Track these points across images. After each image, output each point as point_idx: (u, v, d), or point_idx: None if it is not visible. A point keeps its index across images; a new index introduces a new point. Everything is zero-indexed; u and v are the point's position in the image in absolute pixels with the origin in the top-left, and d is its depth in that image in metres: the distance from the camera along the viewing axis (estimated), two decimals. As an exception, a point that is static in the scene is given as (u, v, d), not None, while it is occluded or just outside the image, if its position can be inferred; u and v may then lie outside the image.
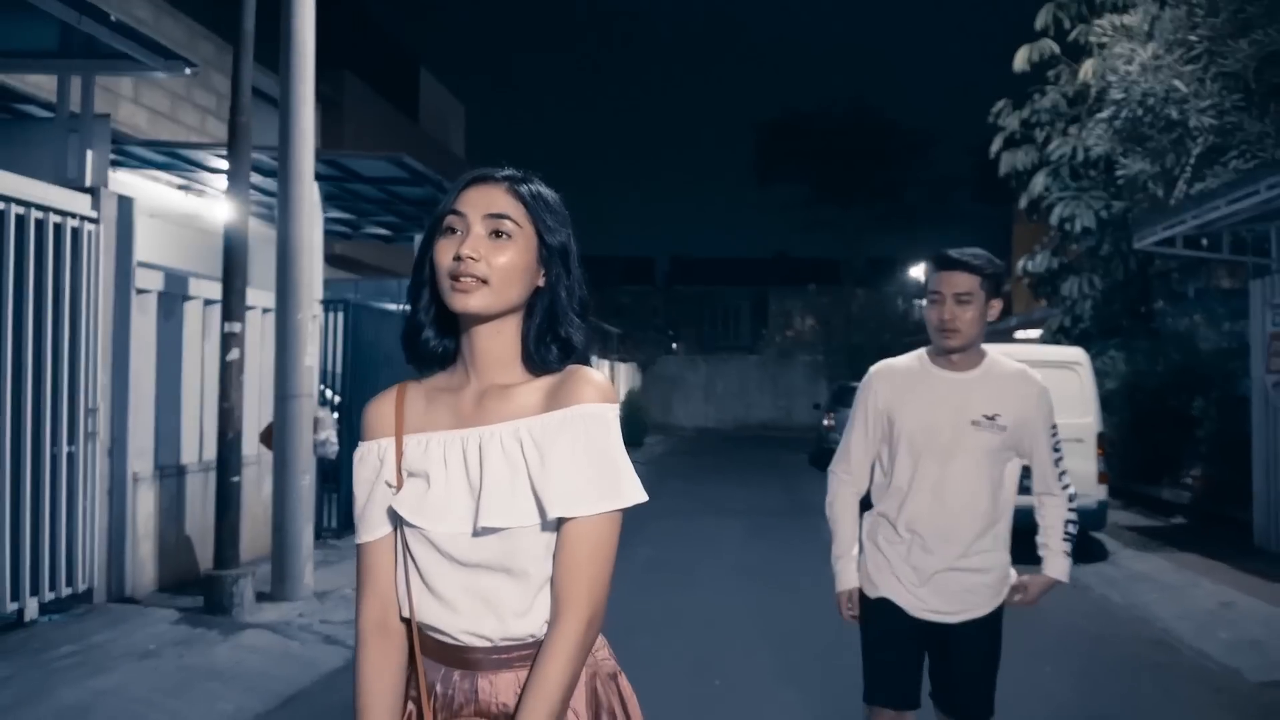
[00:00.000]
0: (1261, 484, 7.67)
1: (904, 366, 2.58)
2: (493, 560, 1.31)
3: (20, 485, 4.84)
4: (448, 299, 1.32)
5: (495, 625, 1.32)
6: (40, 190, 5.04)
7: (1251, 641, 5.24)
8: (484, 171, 1.38)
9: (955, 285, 2.40)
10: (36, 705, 3.89)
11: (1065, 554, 2.51)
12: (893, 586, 2.47)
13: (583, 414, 1.32)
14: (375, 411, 1.41)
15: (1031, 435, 2.47)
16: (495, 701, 1.32)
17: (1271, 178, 6.11)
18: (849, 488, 2.58)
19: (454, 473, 1.33)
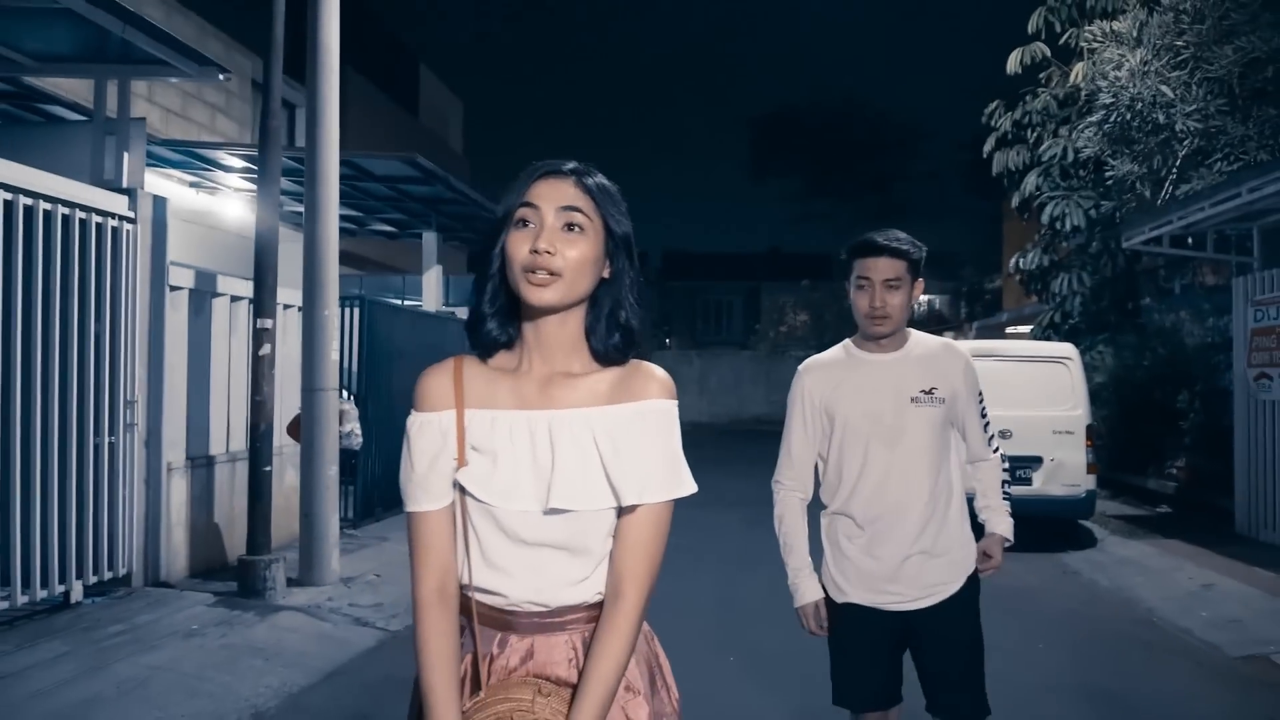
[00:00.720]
0: (1243, 473, 8.00)
1: (832, 359, 2.56)
2: (556, 538, 1.36)
3: (66, 474, 5.08)
4: (524, 293, 1.34)
5: (551, 594, 1.38)
6: (81, 191, 5.27)
7: (1230, 620, 5.56)
8: (551, 164, 1.40)
9: (883, 271, 2.38)
10: (97, 678, 4.14)
11: (1007, 512, 2.54)
12: (859, 588, 2.43)
13: (652, 409, 1.39)
14: (434, 383, 1.41)
15: (964, 405, 2.47)
16: (548, 662, 1.38)
17: (1252, 181, 6.42)
18: (795, 496, 2.53)
19: (520, 452, 1.36)
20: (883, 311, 2.38)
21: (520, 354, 1.41)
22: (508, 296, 1.39)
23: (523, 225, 1.35)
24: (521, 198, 1.36)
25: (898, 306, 2.39)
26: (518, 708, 1.31)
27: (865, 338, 2.49)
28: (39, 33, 5.45)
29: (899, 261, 2.38)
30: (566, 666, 1.37)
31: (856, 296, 2.43)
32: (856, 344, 2.53)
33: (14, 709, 3.75)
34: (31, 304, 4.83)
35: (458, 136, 23.47)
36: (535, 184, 1.37)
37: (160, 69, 5.68)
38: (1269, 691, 4.42)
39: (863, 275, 2.41)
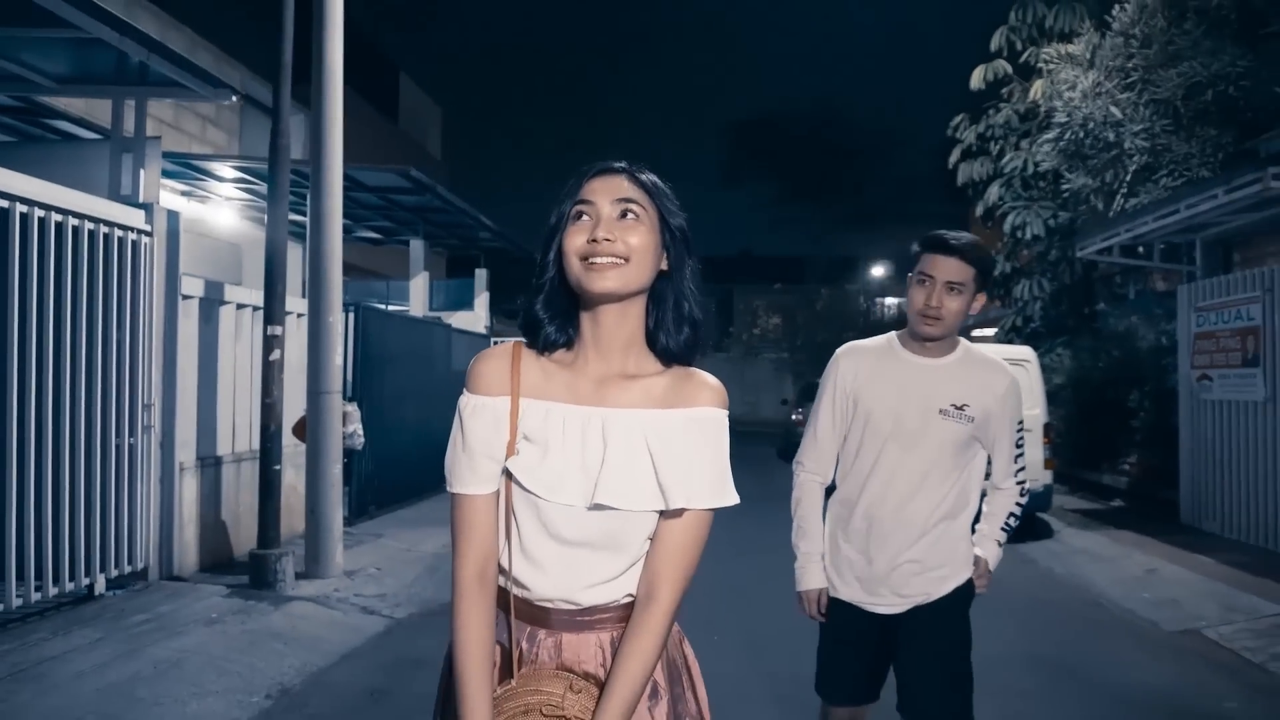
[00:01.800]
0: (1187, 468, 8.57)
1: (873, 348, 2.46)
2: (596, 536, 1.36)
3: (91, 473, 5.40)
4: (585, 282, 1.34)
5: (584, 592, 1.38)
6: (101, 206, 5.58)
7: (1169, 600, 6.08)
8: (603, 164, 1.41)
9: (948, 272, 2.26)
10: (134, 660, 4.47)
11: (999, 543, 2.49)
12: (851, 586, 2.41)
13: (705, 416, 1.39)
14: (490, 368, 1.40)
15: (996, 428, 2.37)
16: (577, 659, 1.38)
17: (1190, 198, 6.96)
18: (816, 481, 2.48)
19: (571, 446, 1.36)
20: (937, 313, 2.26)
21: (577, 352, 1.41)
22: (566, 298, 1.39)
23: (579, 219, 1.36)
24: (576, 195, 1.38)
25: (954, 311, 2.27)
26: (547, 701, 1.32)
27: (912, 336, 2.38)
28: (60, 55, 5.76)
29: (968, 266, 2.26)
30: (595, 664, 1.38)
31: (914, 291, 2.31)
32: (902, 341, 2.42)
33: (64, 686, 4.08)
34: (61, 313, 5.14)
35: (436, 142, 23.77)
36: (589, 182, 1.38)
37: (175, 90, 6.00)
38: (1199, 660, 4.92)
39: (926, 271, 2.28)
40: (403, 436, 9.23)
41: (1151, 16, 8.86)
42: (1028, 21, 11.70)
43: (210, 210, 11.52)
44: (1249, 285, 7.42)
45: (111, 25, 4.85)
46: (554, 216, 1.39)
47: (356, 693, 4.39)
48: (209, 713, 3.98)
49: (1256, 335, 7.37)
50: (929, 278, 2.27)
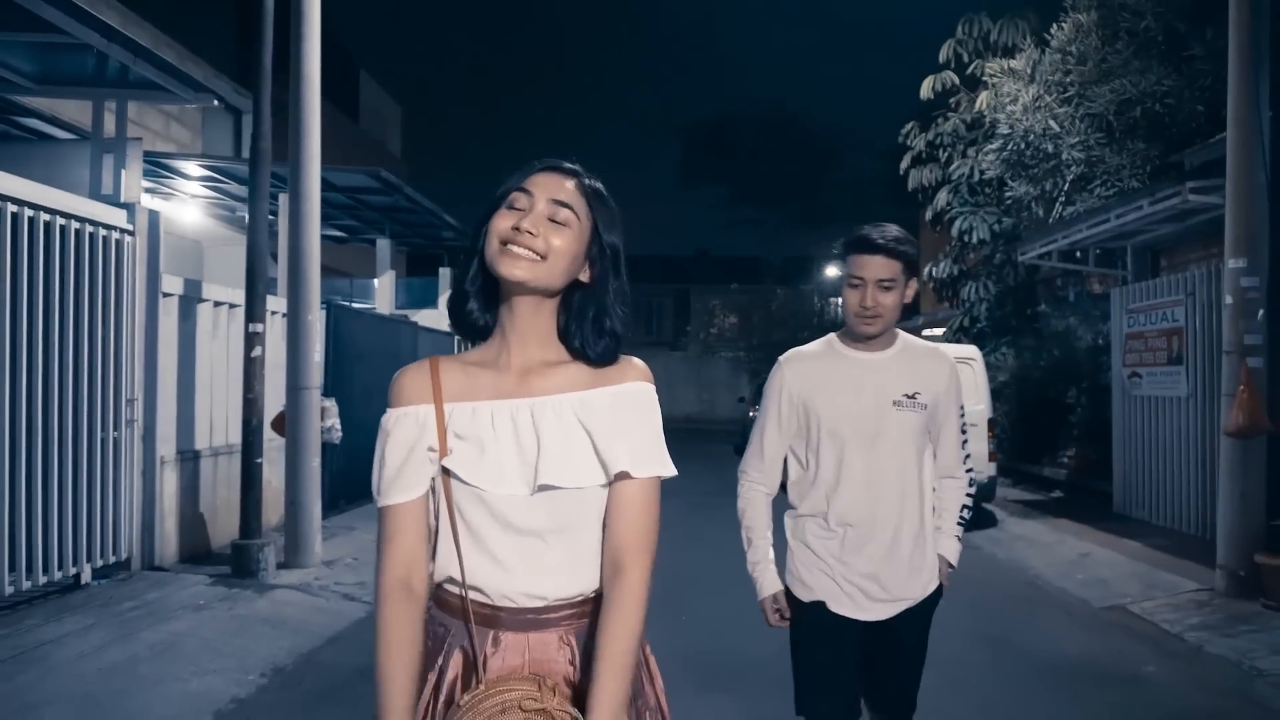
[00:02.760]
0: (1119, 460, 9.14)
1: (815, 352, 2.45)
2: (547, 522, 1.36)
3: (79, 466, 5.55)
4: (495, 263, 1.34)
5: (547, 584, 1.37)
6: (85, 206, 5.73)
7: (1099, 580, 6.58)
8: (555, 161, 1.42)
9: (877, 271, 2.27)
10: (130, 643, 4.67)
11: (957, 537, 2.45)
12: (827, 588, 2.35)
13: (634, 391, 1.42)
14: (409, 381, 1.41)
15: (944, 414, 2.40)
16: (547, 659, 1.37)
17: (1119, 209, 7.49)
18: (761, 489, 2.46)
19: (504, 437, 1.36)
20: (874, 311, 2.28)
21: (497, 345, 1.43)
22: (486, 278, 1.40)
23: (513, 208, 1.37)
24: (518, 184, 1.38)
25: (890, 307, 2.28)
26: (526, 696, 1.29)
27: (851, 336, 2.39)
28: (42, 57, 5.88)
29: (895, 262, 2.27)
30: (562, 662, 1.38)
31: (848, 294, 2.33)
32: (841, 340, 2.43)
33: (66, 667, 4.27)
34: (49, 310, 5.29)
35: (396, 140, 23.76)
36: (536, 174, 1.39)
37: (156, 93, 6.15)
38: (1123, 631, 5.40)
39: (856, 274, 2.29)
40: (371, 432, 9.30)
41: (1087, 35, 9.43)
42: (974, 35, 12.25)
43: (173, 207, 11.53)
44: (1173, 289, 7.98)
45: (100, 31, 5.01)
46: (495, 196, 1.39)
47: (346, 671, 4.63)
48: (210, 690, 4.20)
49: (1180, 336, 7.93)
50: (860, 279, 2.29)
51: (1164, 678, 4.56)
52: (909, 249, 2.31)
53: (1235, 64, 5.76)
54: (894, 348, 2.40)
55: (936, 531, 2.42)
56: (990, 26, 12.08)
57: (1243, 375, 5.59)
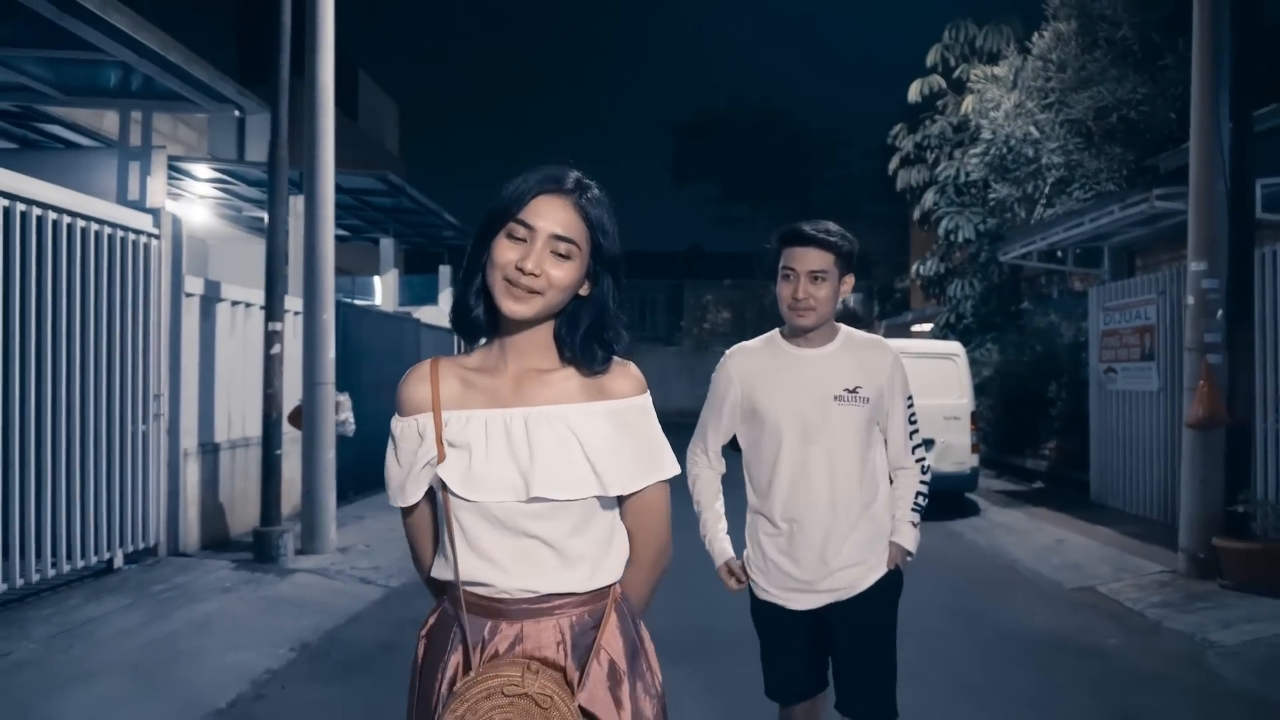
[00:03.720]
0: (1096, 451, 9.54)
1: (758, 347, 2.49)
2: (538, 527, 1.41)
3: (111, 457, 5.89)
4: (501, 302, 1.39)
5: (540, 580, 1.42)
6: (115, 211, 6.07)
7: (1072, 564, 6.98)
8: (555, 179, 1.42)
9: (809, 262, 2.30)
10: (168, 620, 5.02)
11: (912, 524, 2.44)
12: (776, 588, 2.41)
13: (629, 407, 1.47)
14: (411, 390, 1.46)
15: (888, 405, 2.42)
16: (537, 647, 1.42)
17: (1093, 213, 7.88)
18: (709, 469, 2.54)
19: (496, 447, 1.41)
20: (806, 304, 2.31)
21: (496, 352, 1.47)
22: (489, 294, 1.43)
23: (515, 239, 1.39)
24: (520, 211, 1.39)
25: (823, 299, 2.31)
26: (508, 682, 1.34)
27: (792, 331, 2.43)
28: (73, 70, 6.20)
29: (827, 254, 2.31)
30: (555, 649, 1.42)
31: (781, 286, 2.36)
32: (783, 335, 2.46)
33: (112, 642, 4.62)
34: (86, 310, 5.63)
35: (393, 138, 24.05)
36: (535, 200, 1.39)
37: (179, 104, 6.48)
38: (1090, 609, 5.79)
39: (788, 265, 2.34)
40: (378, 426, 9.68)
41: (1067, 43, 9.81)
42: (960, 40, 12.62)
43: (181, 207, 11.82)
44: (1146, 289, 8.38)
45: (134, 50, 5.34)
46: (494, 212, 1.40)
47: (368, 647, 4.99)
48: (245, 663, 4.55)
49: (1152, 333, 8.33)
50: (791, 270, 2.32)
51: (1124, 649, 4.96)
52: (842, 242, 2.33)
53: (1198, 80, 6.14)
54: (835, 342, 2.42)
55: (894, 521, 2.43)
56: (976, 32, 12.46)
57: (1203, 371, 5.98)
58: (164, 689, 4.11)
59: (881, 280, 32.70)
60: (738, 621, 2.85)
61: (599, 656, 1.43)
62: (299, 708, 4.07)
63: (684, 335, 33.92)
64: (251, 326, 7.69)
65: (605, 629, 1.45)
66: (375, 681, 4.37)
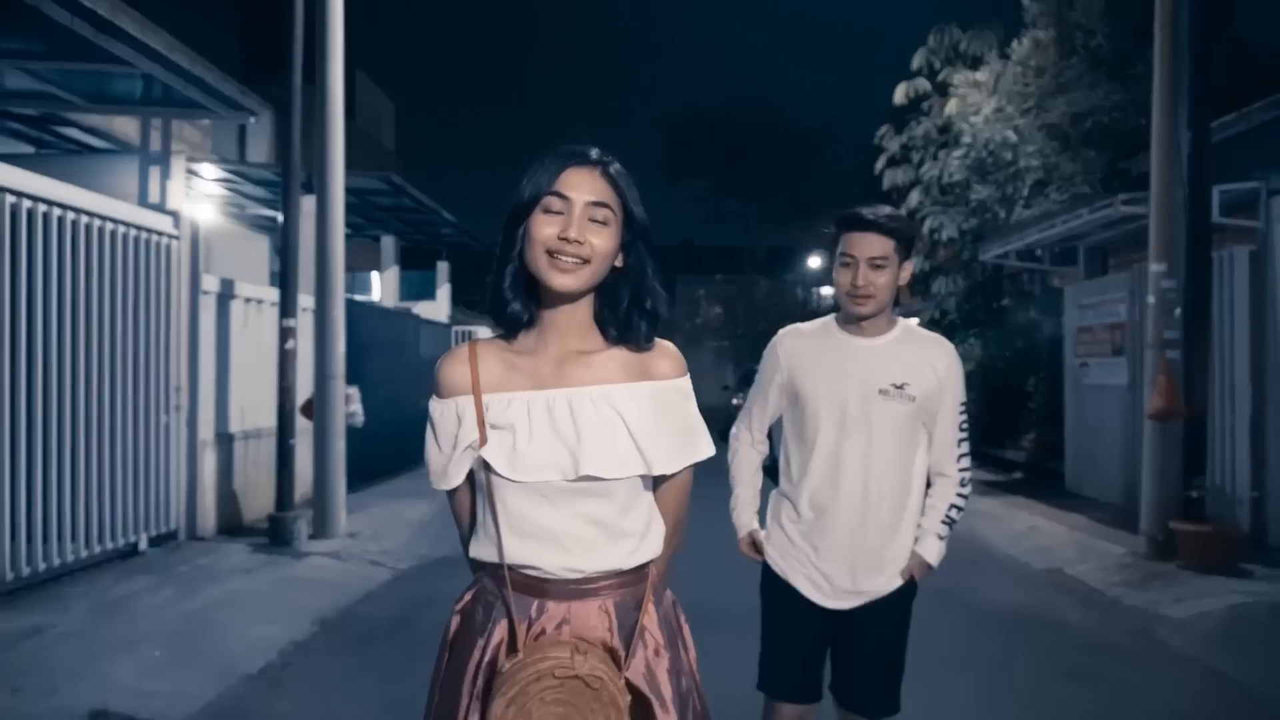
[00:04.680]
0: (1071, 442, 9.97)
1: (812, 330, 2.43)
2: (583, 506, 1.42)
3: (136, 446, 6.25)
4: (546, 276, 1.39)
5: (584, 559, 1.43)
6: (139, 214, 6.42)
7: (1043, 547, 7.40)
8: (580, 153, 1.43)
9: (869, 249, 2.23)
10: (195, 597, 5.39)
11: (939, 537, 2.35)
12: (795, 571, 2.34)
13: (672, 388, 1.48)
14: (450, 371, 1.46)
15: (936, 407, 2.32)
16: (586, 626, 1.43)
17: (1064, 215, 8.30)
18: (749, 448, 2.50)
19: (540, 428, 1.41)
20: (866, 291, 2.24)
21: (535, 335, 1.47)
22: (529, 279, 1.43)
23: (551, 212, 1.39)
24: (551, 185, 1.40)
25: (882, 287, 2.24)
26: (558, 664, 1.34)
27: (847, 319, 2.35)
28: (97, 80, 6.54)
29: (887, 239, 2.24)
30: (603, 629, 1.44)
31: (839, 273, 2.29)
32: (839, 322, 2.39)
33: (149, 615, 4.99)
34: (114, 306, 5.98)
35: (390, 136, 24.32)
36: (565, 173, 1.40)
37: (197, 111, 6.82)
38: (1055, 588, 6.22)
39: (847, 252, 2.27)
40: (381, 417, 10.12)
41: (1045, 50, 10.21)
42: (945, 44, 12.99)
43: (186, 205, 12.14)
44: (1117, 287, 8.80)
45: (161, 64, 5.68)
46: (524, 195, 1.41)
47: (382, 621, 5.37)
48: (271, 635, 4.92)
49: (1123, 329, 8.75)
50: (851, 258, 2.26)
51: (1081, 622, 5.38)
52: (903, 227, 2.28)
53: (1159, 93, 6.54)
54: (891, 334, 2.34)
55: (920, 530, 2.34)
56: (960, 36, 12.83)
57: (1162, 366, 6.39)
58: (199, 657, 4.48)
59: (871, 276, 32.90)
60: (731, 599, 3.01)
61: (644, 637, 1.45)
62: (323, 674, 4.45)
63: (677, 330, 34.29)
64: (263, 322, 8.04)
65: (647, 609, 1.47)
66: (391, 651, 4.74)
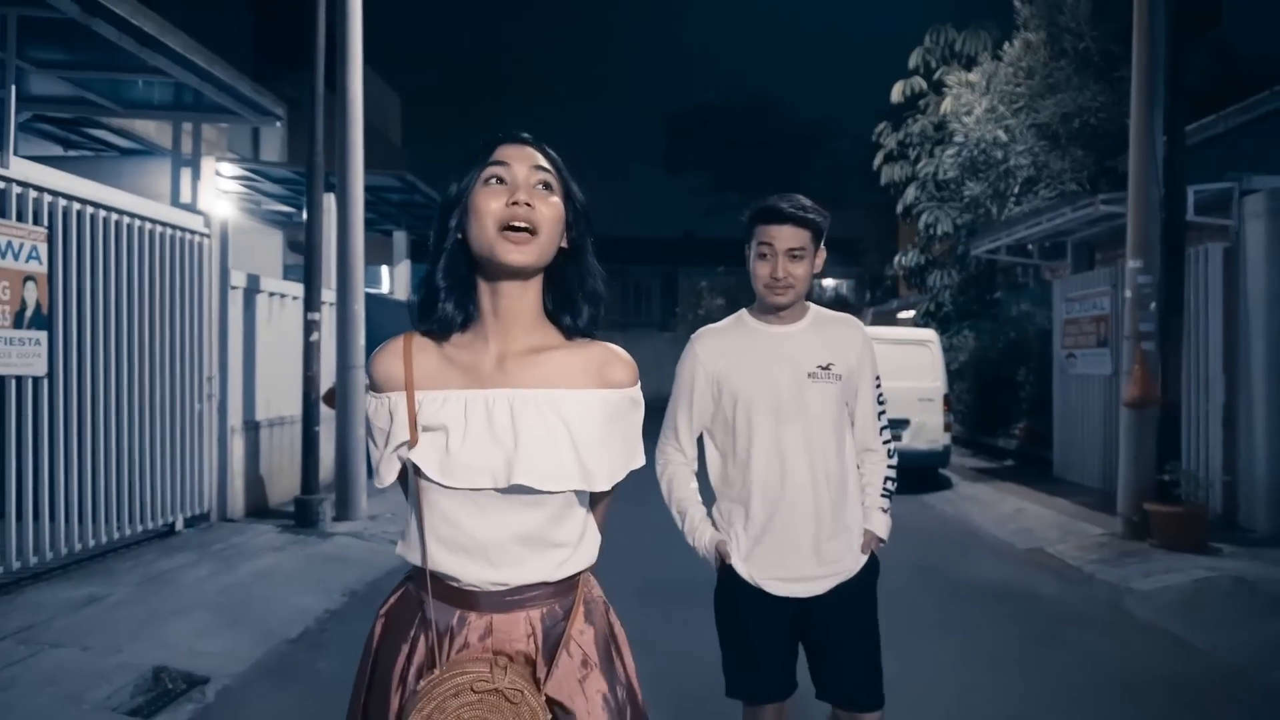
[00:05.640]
0: (1058, 430, 10.37)
1: (727, 328, 2.40)
2: (514, 516, 1.34)
3: (172, 433, 6.66)
4: (498, 251, 1.30)
5: (510, 573, 1.36)
6: (174, 214, 6.81)
7: (1027, 529, 7.81)
8: (512, 133, 1.38)
9: (786, 240, 2.23)
10: (233, 572, 5.81)
11: (883, 510, 2.37)
12: (762, 575, 2.29)
13: (624, 398, 1.40)
14: (382, 364, 1.38)
15: (858, 383, 2.35)
16: (508, 639, 1.36)
17: (1049, 213, 8.67)
18: (683, 466, 2.42)
19: (476, 430, 1.32)
20: (786, 282, 2.24)
21: (476, 329, 1.38)
22: (465, 266, 1.35)
23: (495, 182, 1.33)
24: (492, 157, 1.34)
25: (801, 277, 2.25)
26: (477, 678, 1.29)
27: (763, 309, 2.35)
28: (132, 86, 6.92)
29: (803, 230, 2.24)
30: (525, 641, 1.37)
31: (757, 265, 2.28)
32: (752, 314, 2.38)
33: (192, 588, 5.40)
34: (153, 301, 6.38)
35: (396, 130, 24.67)
36: (500, 148, 1.35)
37: (225, 115, 7.20)
38: (1035, 565, 6.62)
39: (764, 242, 2.26)
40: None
41: (1035, 52, 10.57)
42: (940, 44, 13.35)
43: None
44: (1102, 281, 9.17)
45: (196, 74, 6.07)
46: (459, 181, 1.35)
47: (407, 594, 5.78)
48: (306, 604, 5.34)
49: (1106, 322, 9.13)
50: (769, 247, 2.25)
51: (1057, 595, 5.79)
52: (817, 217, 2.27)
53: (1136, 98, 6.91)
54: (805, 319, 2.36)
55: (863, 506, 2.36)
56: (955, 36, 13.18)
57: (1137, 357, 6.78)
58: (243, 623, 4.90)
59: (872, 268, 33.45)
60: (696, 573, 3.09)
61: (569, 648, 1.38)
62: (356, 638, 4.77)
63: (678, 321, 34.61)
64: (285, 316, 8.44)
65: (575, 620, 1.40)
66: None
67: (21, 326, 4.99)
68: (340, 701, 1.61)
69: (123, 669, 4.01)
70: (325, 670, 4.31)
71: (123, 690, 3.83)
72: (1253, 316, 7.08)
